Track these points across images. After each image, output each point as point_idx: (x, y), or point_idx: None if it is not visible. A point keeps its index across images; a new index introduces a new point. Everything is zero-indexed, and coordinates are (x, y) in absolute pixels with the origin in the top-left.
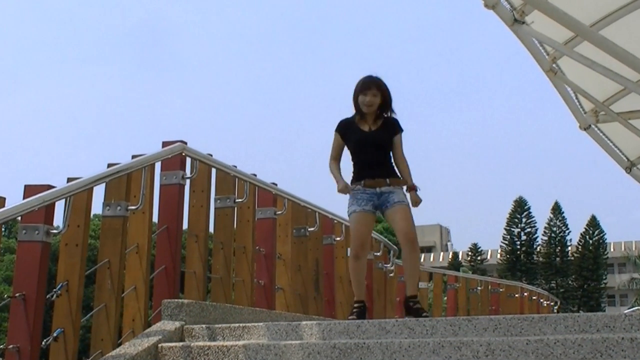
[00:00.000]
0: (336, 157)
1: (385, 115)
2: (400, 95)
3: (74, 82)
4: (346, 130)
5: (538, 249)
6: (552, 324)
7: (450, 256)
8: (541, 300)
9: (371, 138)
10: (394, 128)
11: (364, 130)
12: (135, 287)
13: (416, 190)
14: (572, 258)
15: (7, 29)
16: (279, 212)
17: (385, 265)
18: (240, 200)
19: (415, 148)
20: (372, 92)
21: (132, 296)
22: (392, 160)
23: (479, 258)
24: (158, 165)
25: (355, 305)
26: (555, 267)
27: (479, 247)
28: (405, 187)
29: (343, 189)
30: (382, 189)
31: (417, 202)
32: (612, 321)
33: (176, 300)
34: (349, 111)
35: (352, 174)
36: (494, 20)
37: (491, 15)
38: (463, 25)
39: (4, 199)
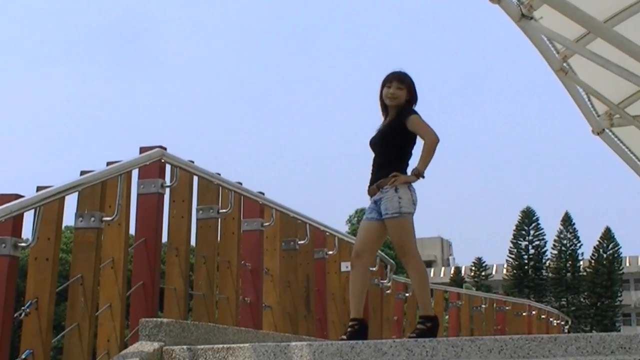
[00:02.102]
0: None
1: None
2: None
3: (45, 83)
4: None
5: (547, 264)
6: (562, 345)
7: (452, 271)
8: (551, 319)
9: (375, 138)
10: (401, 116)
11: (378, 130)
12: (111, 305)
13: (417, 176)
14: (585, 273)
15: None
16: (267, 224)
17: (382, 281)
18: (224, 210)
19: (415, 154)
20: (396, 84)
21: (107, 315)
22: (395, 157)
23: (483, 273)
24: (135, 173)
25: (349, 323)
26: (566, 283)
27: (484, 262)
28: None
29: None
30: (374, 198)
31: (398, 179)
32: (628, 342)
33: (155, 319)
34: (345, 113)
35: None
36: (499, 16)
37: (497, 10)
38: (465, 21)
39: None
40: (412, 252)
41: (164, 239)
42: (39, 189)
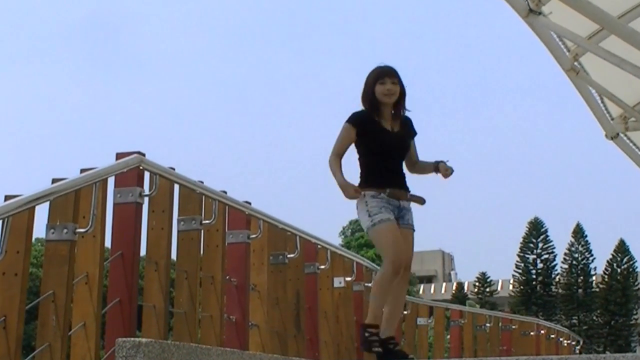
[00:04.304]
0: (340, 154)
1: (400, 114)
2: None
3: (12, 84)
4: (364, 126)
5: (557, 279)
6: None
7: (454, 287)
8: (560, 339)
9: (398, 141)
10: (412, 130)
11: (388, 130)
12: (85, 324)
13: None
14: (597, 289)
15: None
16: (253, 236)
17: None
18: (207, 221)
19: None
20: (390, 79)
21: (80, 334)
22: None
23: (487, 289)
24: (111, 181)
25: (372, 330)
26: (577, 300)
27: (488, 277)
28: (432, 168)
29: (354, 194)
30: (402, 203)
31: (448, 171)
32: None
33: (132, 339)
34: (339, 116)
35: (364, 178)
36: (505, 11)
37: (502, 4)
38: (469, 17)
39: None
40: None
41: (143, 252)
42: (6, 198)
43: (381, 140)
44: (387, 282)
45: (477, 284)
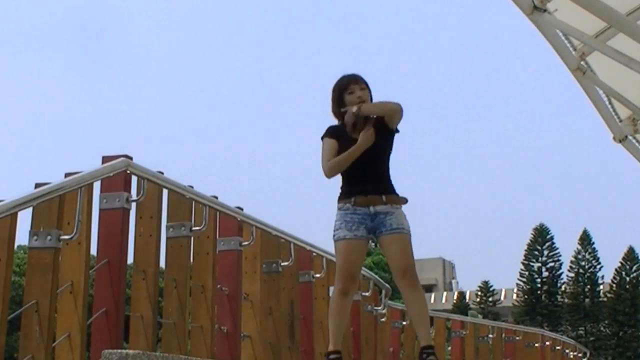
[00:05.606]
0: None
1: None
2: (395, 99)
3: None
4: (339, 139)
5: (563, 288)
6: None
7: (455, 297)
8: (567, 351)
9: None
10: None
11: (355, 138)
12: (69, 335)
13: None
14: (605, 299)
15: None
16: (246, 243)
17: (376, 307)
18: (197, 228)
19: (412, 164)
20: (359, 85)
21: (65, 346)
22: (388, 168)
23: (490, 299)
24: (97, 186)
25: (332, 357)
26: (584, 310)
27: (491, 286)
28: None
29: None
30: (376, 208)
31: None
32: None
33: (119, 350)
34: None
35: (339, 191)
36: (508, 8)
37: (505, 1)
38: (471, 15)
39: None
40: (415, 274)
41: (130, 260)
42: None
43: (346, 148)
44: (335, 302)
45: (479, 293)
